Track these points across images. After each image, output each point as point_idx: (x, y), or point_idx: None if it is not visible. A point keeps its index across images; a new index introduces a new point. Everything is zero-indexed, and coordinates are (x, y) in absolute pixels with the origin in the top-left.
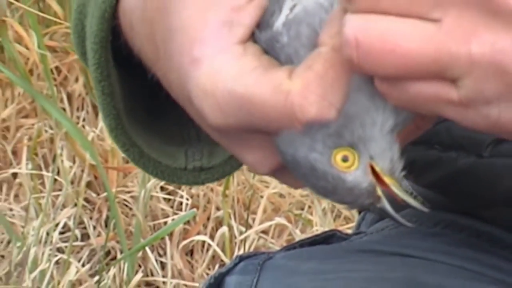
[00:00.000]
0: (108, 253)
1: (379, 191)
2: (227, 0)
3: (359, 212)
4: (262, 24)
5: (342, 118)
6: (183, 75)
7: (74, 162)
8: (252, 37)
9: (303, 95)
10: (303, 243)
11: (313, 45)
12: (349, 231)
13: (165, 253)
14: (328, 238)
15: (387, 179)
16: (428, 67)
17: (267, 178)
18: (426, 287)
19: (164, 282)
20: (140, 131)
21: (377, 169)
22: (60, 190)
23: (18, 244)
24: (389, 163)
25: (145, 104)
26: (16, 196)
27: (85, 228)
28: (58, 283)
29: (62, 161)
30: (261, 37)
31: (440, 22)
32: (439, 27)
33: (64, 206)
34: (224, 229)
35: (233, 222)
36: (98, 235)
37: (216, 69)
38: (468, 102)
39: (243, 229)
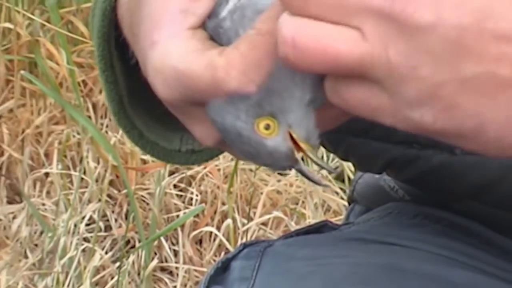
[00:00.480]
0: (128, 242)
1: (297, 155)
2: None
3: (349, 203)
4: (212, 14)
5: (264, 92)
6: (144, 56)
7: (98, 163)
8: (203, 25)
9: (226, 70)
10: (299, 232)
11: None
12: (338, 223)
13: (177, 242)
14: (320, 228)
15: (303, 145)
16: (355, 68)
17: (266, 177)
18: (406, 272)
19: (176, 268)
20: (142, 116)
21: (295, 136)
22: (86, 187)
23: (50, 234)
24: (305, 131)
25: (148, 93)
26: (48, 192)
27: (107, 220)
28: (84, 268)
29: (88, 162)
30: (209, 25)
31: (361, 29)
32: (362, 33)
33: (89, 201)
34: (228, 221)
35: (236, 215)
36: (119, 227)
37: (167, 50)
38: (392, 105)
39: (245, 221)
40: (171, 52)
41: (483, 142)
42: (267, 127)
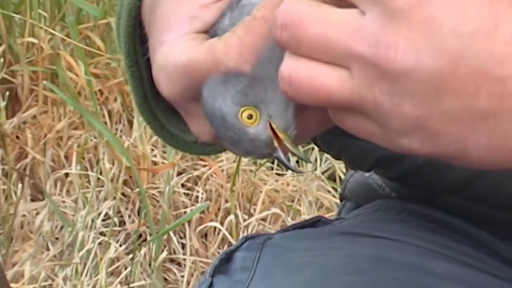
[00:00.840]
0: (140, 236)
1: (275, 143)
2: None
3: (340, 200)
4: (216, 22)
5: (250, 80)
6: (153, 55)
7: (113, 164)
8: (208, 33)
9: (225, 51)
10: (295, 227)
11: None
12: (331, 218)
13: (185, 236)
14: (315, 222)
15: (281, 135)
16: (345, 103)
17: (265, 177)
18: (393, 262)
19: (184, 259)
20: (163, 109)
21: (274, 126)
22: (102, 186)
23: (69, 229)
24: (284, 122)
25: None
26: (67, 191)
27: (122, 216)
28: (100, 260)
29: (103, 163)
30: (211, 32)
31: (349, 69)
32: (351, 73)
33: (105, 199)
34: (231, 217)
35: (238, 212)
36: (132, 222)
37: (171, 49)
38: (383, 133)
39: (246, 217)
40: (174, 50)
41: (468, 162)
42: (250, 117)
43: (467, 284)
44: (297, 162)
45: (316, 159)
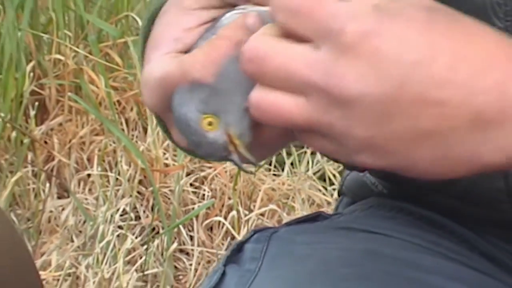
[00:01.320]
0: (153, 229)
1: (231, 148)
2: (183, 22)
3: (339, 195)
4: (195, 43)
5: (212, 91)
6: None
7: (129, 166)
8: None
9: (191, 64)
10: (299, 221)
11: None
12: (330, 213)
13: (193, 229)
14: (316, 217)
15: (236, 141)
16: (305, 126)
17: (263, 177)
18: (384, 256)
19: (192, 250)
20: None
21: (230, 133)
22: (120, 185)
23: (91, 223)
24: (239, 130)
25: None
26: (89, 190)
27: (137, 212)
28: (118, 250)
29: (121, 165)
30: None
31: (307, 97)
32: (308, 100)
33: (123, 196)
34: (233, 212)
35: (240, 208)
36: (147, 217)
37: (153, 66)
38: (342, 151)
39: (247, 212)
40: (154, 66)
41: (417, 174)
42: (210, 124)
43: (449, 277)
44: (291, 164)
45: (308, 162)
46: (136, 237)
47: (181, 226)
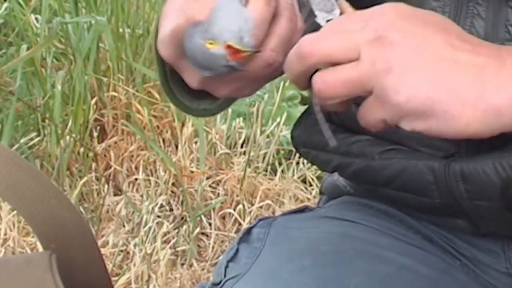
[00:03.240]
0: (182, 218)
1: (228, 57)
2: None
3: (320, 194)
4: None
5: (210, 23)
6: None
7: (165, 172)
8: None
9: (191, 10)
10: (291, 212)
11: None
12: (313, 206)
13: (211, 218)
14: (303, 209)
15: (238, 46)
16: (358, 84)
17: (261, 180)
18: (354, 237)
19: (210, 233)
20: (179, 88)
21: (231, 43)
22: (158, 186)
23: (137, 213)
24: (236, 39)
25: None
26: (137, 189)
27: (171, 205)
28: (157, 233)
29: (159, 172)
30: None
31: (359, 57)
32: (359, 60)
33: (160, 194)
34: (240, 206)
35: (245, 203)
36: (178, 209)
37: (164, 26)
38: (389, 109)
39: (250, 205)
40: (166, 25)
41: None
42: (211, 43)
43: (400, 253)
44: (282, 171)
45: (294, 169)
46: (170, 224)
47: (202, 216)
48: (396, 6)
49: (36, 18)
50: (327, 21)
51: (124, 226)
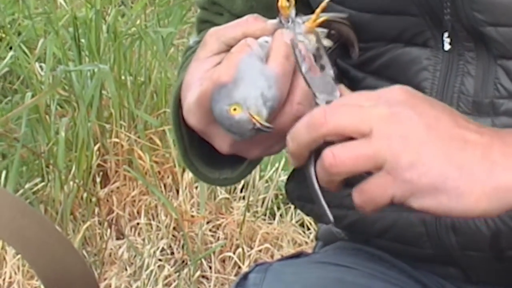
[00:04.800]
0: (183, 261)
1: (253, 120)
2: (203, 66)
3: (316, 239)
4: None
5: (233, 87)
6: (183, 106)
7: (167, 217)
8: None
9: (216, 74)
10: (287, 257)
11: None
12: (309, 252)
13: (211, 261)
14: (299, 255)
15: (256, 117)
16: (371, 160)
17: (260, 225)
18: (348, 282)
19: (210, 276)
20: (200, 157)
21: (251, 112)
22: (160, 230)
23: (139, 257)
24: (256, 110)
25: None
26: (138, 233)
27: (172, 249)
28: (159, 276)
29: (161, 216)
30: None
31: (371, 132)
32: (371, 135)
33: (162, 238)
34: (240, 250)
35: (244, 246)
36: (179, 253)
37: (190, 96)
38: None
39: (249, 249)
40: (192, 95)
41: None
42: (235, 109)
43: None
44: (280, 215)
45: (292, 213)
46: (171, 267)
47: (203, 259)
48: (403, 87)
49: (40, 66)
50: (327, 102)
51: (126, 269)
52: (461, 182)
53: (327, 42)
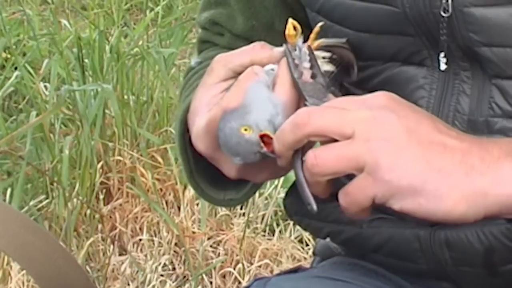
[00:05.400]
0: (184, 277)
1: (261, 144)
2: (211, 92)
3: (313, 255)
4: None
5: (243, 110)
6: (191, 132)
7: (168, 233)
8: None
9: (225, 100)
10: (285, 272)
11: None
12: (307, 266)
13: (212, 277)
14: (297, 269)
15: (268, 132)
16: (353, 160)
17: (260, 241)
18: None
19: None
20: (205, 178)
21: (267, 132)
22: (161, 246)
23: (141, 272)
24: (268, 127)
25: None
26: (141, 249)
27: (174, 265)
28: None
29: (163, 232)
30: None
31: (353, 133)
32: (353, 136)
33: (163, 254)
34: (240, 265)
35: (244, 262)
36: (180, 268)
37: (198, 122)
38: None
39: (249, 265)
40: (200, 121)
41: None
42: (246, 130)
43: None
44: (279, 231)
45: (291, 230)
46: (173, 282)
47: (203, 275)
48: (387, 93)
49: (45, 86)
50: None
51: (128, 284)
52: (440, 185)
53: (330, 67)
